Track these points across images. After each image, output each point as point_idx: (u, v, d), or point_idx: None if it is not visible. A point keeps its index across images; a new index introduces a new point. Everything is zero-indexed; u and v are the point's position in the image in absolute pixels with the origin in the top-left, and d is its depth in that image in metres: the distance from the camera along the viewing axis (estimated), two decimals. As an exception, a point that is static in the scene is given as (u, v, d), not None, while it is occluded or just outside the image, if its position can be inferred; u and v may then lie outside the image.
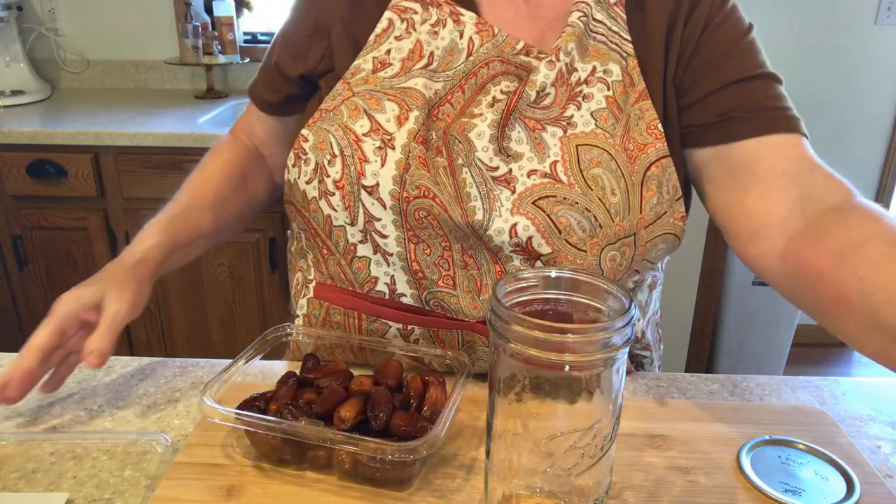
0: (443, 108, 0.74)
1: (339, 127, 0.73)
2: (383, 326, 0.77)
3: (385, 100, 0.73)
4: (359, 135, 0.72)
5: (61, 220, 2.05)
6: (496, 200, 0.71)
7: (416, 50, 0.75)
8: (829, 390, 0.80)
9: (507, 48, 0.75)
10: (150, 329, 2.17)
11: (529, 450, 0.52)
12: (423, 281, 0.75)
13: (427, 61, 0.75)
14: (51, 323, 0.67)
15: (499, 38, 0.75)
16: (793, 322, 2.43)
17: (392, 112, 0.72)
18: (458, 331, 0.76)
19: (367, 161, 0.72)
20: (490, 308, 0.50)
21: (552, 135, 0.72)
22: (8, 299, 2.15)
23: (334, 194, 0.73)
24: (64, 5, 2.47)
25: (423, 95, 0.73)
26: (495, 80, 0.74)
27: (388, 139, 0.72)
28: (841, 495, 0.61)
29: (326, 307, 0.80)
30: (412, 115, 0.72)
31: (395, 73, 0.75)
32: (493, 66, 0.74)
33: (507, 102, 0.73)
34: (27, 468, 0.63)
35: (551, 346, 0.47)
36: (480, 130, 0.72)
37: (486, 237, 0.71)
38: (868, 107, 2.55)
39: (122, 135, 1.94)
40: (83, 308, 0.69)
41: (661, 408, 0.73)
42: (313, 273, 0.82)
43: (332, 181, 0.73)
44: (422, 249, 0.74)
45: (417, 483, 0.62)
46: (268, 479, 0.62)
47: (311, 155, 0.75)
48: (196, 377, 0.80)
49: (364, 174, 0.72)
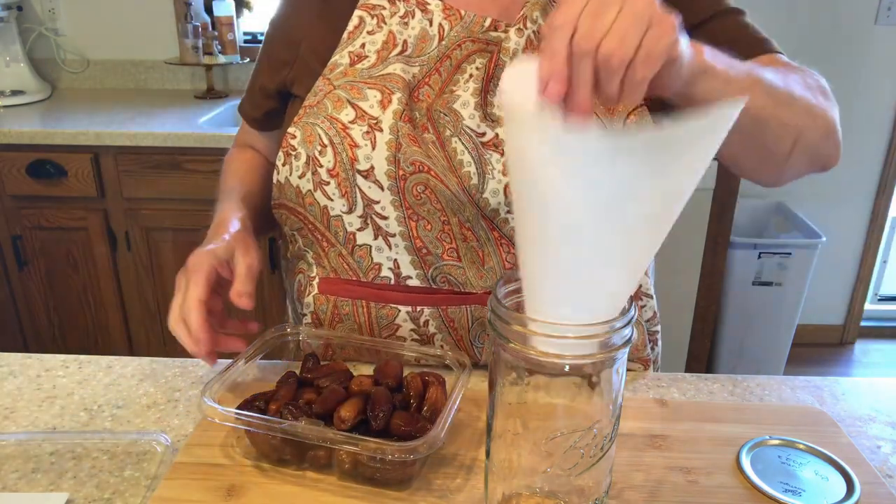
0: (422, 90, 0.76)
1: (324, 119, 0.75)
2: (393, 311, 0.78)
3: (366, 88, 0.76)
4: (345, 123, 0.75)
5: (61, 220, 2.05)
6: (487, 164, 0.74)
7: (390, 40, 0.78)
8: (829, 390, 0.80)
9: (476, 27, 0.77)
10: (150, 329, 2.17)
11: (529, 450, 0.52)
12: (429, 257, 0.77)
13: (402, 48, 0.77)
14: (202, 276, 0.69)
15: (466, 18, 0.77)
16: (793, 322, 2.43)
17: (374, 98, 0.75)
18: (468, 307, 0.77)
19: (357, 146, 0.74)
20: (490, 308, 0.50)
21: None
22: (8, 299, 2.15)
23: (329, 183, 0.75)
24: (64, 5, 2.47)
25: (402, 79, 0.75)
26: (469, 59, 0.77)
27: (374, 123, 0.74)
28: (841, 495, 0.61)
29: (334, 301, 0.80)
30: (395, 97, 0.75)
31: (373, 64, 0.77)
32: (466, 46, 0.77)
33: (486, 69, 0.76)
34: (27, 468, 0.63)
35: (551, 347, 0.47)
36: (465, 100, 0.75)
37: (483, 202, 0.74)
38: (868, 107, 2.55)
39: (122, 135, 1.93)
40: (219, 263, 0.71)
41: (661, 408, 0.73)
42: (315, 270, 0.82)
43: (326, 170, 0.75)
44: (423, 226, 0.76)
45: (417, 483, 0.62)
46: (268, 479, 0.62)
47: (301, 149, 0.76)
48: (196, 377, 0.80)
49: (357, 159, 0.74)
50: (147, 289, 2.11)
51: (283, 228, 0.86)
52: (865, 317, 2.88)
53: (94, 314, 2.15)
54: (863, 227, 2.71)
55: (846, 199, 2.66)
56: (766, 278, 2.35)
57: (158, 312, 2.14)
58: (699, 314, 2.26)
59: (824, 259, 2.61)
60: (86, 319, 2.16)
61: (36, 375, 0.80)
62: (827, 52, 2.47)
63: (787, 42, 0.86)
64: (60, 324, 2.17)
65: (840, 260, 2.74)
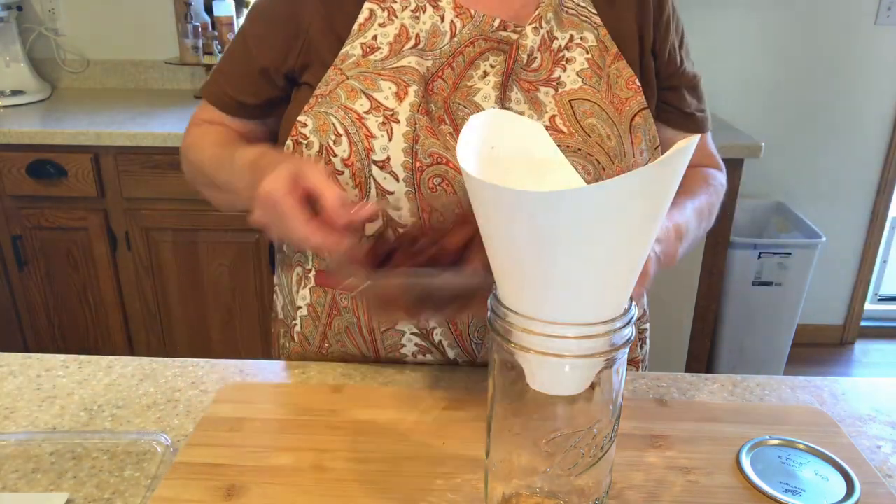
0: (436, 83, 0.76)
1: (338, 108, 0.75)
2: None
3: (380, 80, 0.75)
4: (360, 113, 0.74)
5: (61, 220, 2.05)
6: None
7: (402, 34, 0.77)
8: (829, 390, 0.80)
9: (486, 26, 0.78)
10: (150, 329, 2.17)
11: (529, 450, 0.52)
12: None
13: (415, 42, 0.77)
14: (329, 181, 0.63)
15: (477, 18, 0.78)
16: (793, 322, 2.43)
17: (389, 90, 0.75)
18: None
19: (373, 137, 0.74)
20: (490, 308, 0.50)
21: (545, 94, 0.77)
22: (8, 299, 2.15)
23: (343, 173, 0.75)
24: (64, 5, 2.47)
25: (417, 71, 0.75)
26: (483, 56, 0.78)
27: (390, 115, 0.74)
28: (841, 495, 0.61)
29: (332, 294, 0.80)
30: (411, 89, 0.74)
31: (386, 56, 0.77)
32: (478, 44, 0.77)
33: (506, 64, 0.77)
34: (27, 468, 0.63)
35: (551, 346, 0.47)
36: (486, 93, 0.76)
37: None
38: (868, 107, 2.55)
39: (122, 135, 1.93)
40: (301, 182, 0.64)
41: (661, 408, 0.74)
42: (311, 262, 0.82)
43: (341, 160, 0.75)
44: (436, 219, 0.76)
45: (417, 483, 0.62)
46: (268, 479, 0.62)
47: (314, 138, 0.76)
48: (196, 377, 0.80)
49: (373, 150, 0.74)
50: (147, 289, 2.11)
51: None
52: (865, 317, 2.88)
53: (94, 314, 2.15)
54: (863, 227, 2.71)
55: (846, 199, 2.66)
56: (766, 278, 2.35)
57: (158, 312, 2.14)
58: (699, 314, 2.26)
59: (824, 259, 2.61)
60: (86, 319, 2.16)
61: (36, 375, 0.80)
62: (827, 52, 2.47)
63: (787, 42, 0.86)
64: (60, 324, 2.17)
65: (840, 260, 2.74)
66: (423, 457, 0.65)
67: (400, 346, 0.80)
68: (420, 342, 0.80)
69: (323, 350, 0.83)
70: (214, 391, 0.76)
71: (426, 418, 0.71)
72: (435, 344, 0.80)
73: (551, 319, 0.47)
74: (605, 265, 0.46)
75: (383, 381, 0.78)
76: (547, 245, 0.44)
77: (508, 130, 0.55)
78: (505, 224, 0.46)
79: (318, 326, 0.82)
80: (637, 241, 0.46)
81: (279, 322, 0.90)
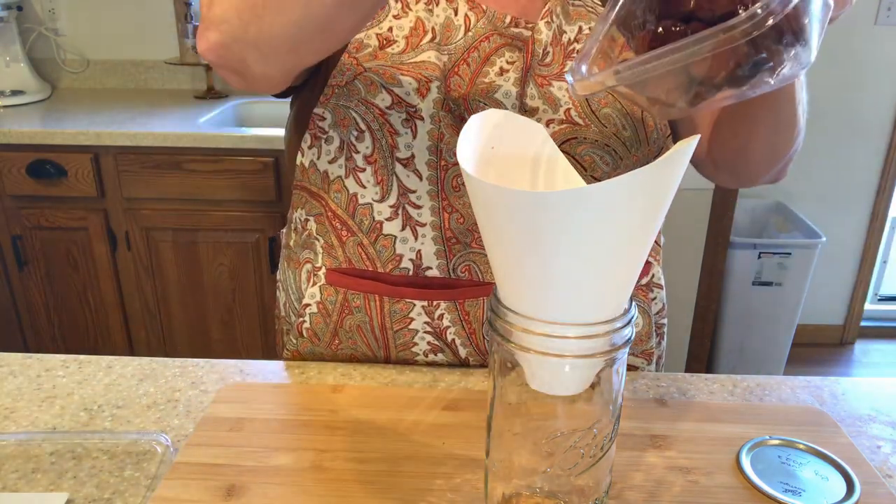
0: (452, 79, 0.76)
1: (358, 102, 0.74)
2: (407, 305, 0.78)
3: (399, 75, 0.74)
4: (382, 108, 0.74)
5: (61, 220, 2.05)
6: None
7: (419, 27, 0.76)
8: (829, 390, 0.80)
9: (499, 22, 0.77)
10: (150, 329, 2.17)
11: (529, 450, 0.52)
12: (456, 246, 0.77)
13: (432, 35, 0.76)
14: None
15: (489, 13, 0.77)
16: (793, 322, 2.43)
17: (410, 86, 0.74)
18: (484, 300, 0.78)
19: (397, 133, 0.73)
20: (490, 308, 0.50)
21: (559, 88, 0.76)
22: (8, 299, 2.15)
23: (365, 170, 0.75)
24: (64, 5, 2.47)
25: (437, 66, 0.74)
26: (498, 52, 0.77)
27: (412, 111, 0.73)
28: (841, 495, 0.61)
29: (343, 293, 0.80)
30: (433, 85, 0.73)
31: (403, 50, 0.76)
32: (493, 39, 0.77)
33: (524, 60, 0.76)
34: (27, 468, 0.63)
35: (551, 346, 0.47)
36: (507, 90, 0.75)
37: None
38: (868, 107, 2.55)
39: (122, 135, 1.94)
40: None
41: (661, 408, 0.74)
42: (321, 260, 0.81)
43: (363, 157, 0.74)
44: (455, 219, 0.76)
45: (417, 483, 0.62)
46: (268, 479, 0.62)
47: (333, 133, 0.75)
48: (196, 377, 0.80)
49: (397, 147, 0.73)
50: (147, 289, 2.11)
51: (293, 213, 0.85)
52: (865, 317, 2.88)
53: (94, 314, 2.15)
54: (863, 227, 2.71)
55: (846, 199, 2.66)
56: (766, 278, 2.35)
57: (158, 312, 2.15)
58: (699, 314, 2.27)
59: (824, 259, 2.61)
60: (86, 319, 2.16)
61: (36, 375, 0.80)
62: (827, 52, 2.47)
63: (787, 42, 0.87)
64: (60, 324, 2.17)
65: (840, 260, 2.74)
66: (423, 457, 0.65)
67: (412, 343, 0.80)
68: (433, 340, 0.80)
69: (333, 346, 0.83)
70: (214, 391, 0.76)
71: (426, 418, 0.71)
72: (447, 342, 0.80)
73: (551, 319, 0.47)
74: (605, 265, 0.46)
75: (383, 381, 0.78)
76: (547, 245, 0.44)
77: (508, 130, 0.55)
78: (505, 224, 0.46)
79: (328, 324, 0.82)
80: (637, 241, 0.46)
81: (282, 319, 0.90)
